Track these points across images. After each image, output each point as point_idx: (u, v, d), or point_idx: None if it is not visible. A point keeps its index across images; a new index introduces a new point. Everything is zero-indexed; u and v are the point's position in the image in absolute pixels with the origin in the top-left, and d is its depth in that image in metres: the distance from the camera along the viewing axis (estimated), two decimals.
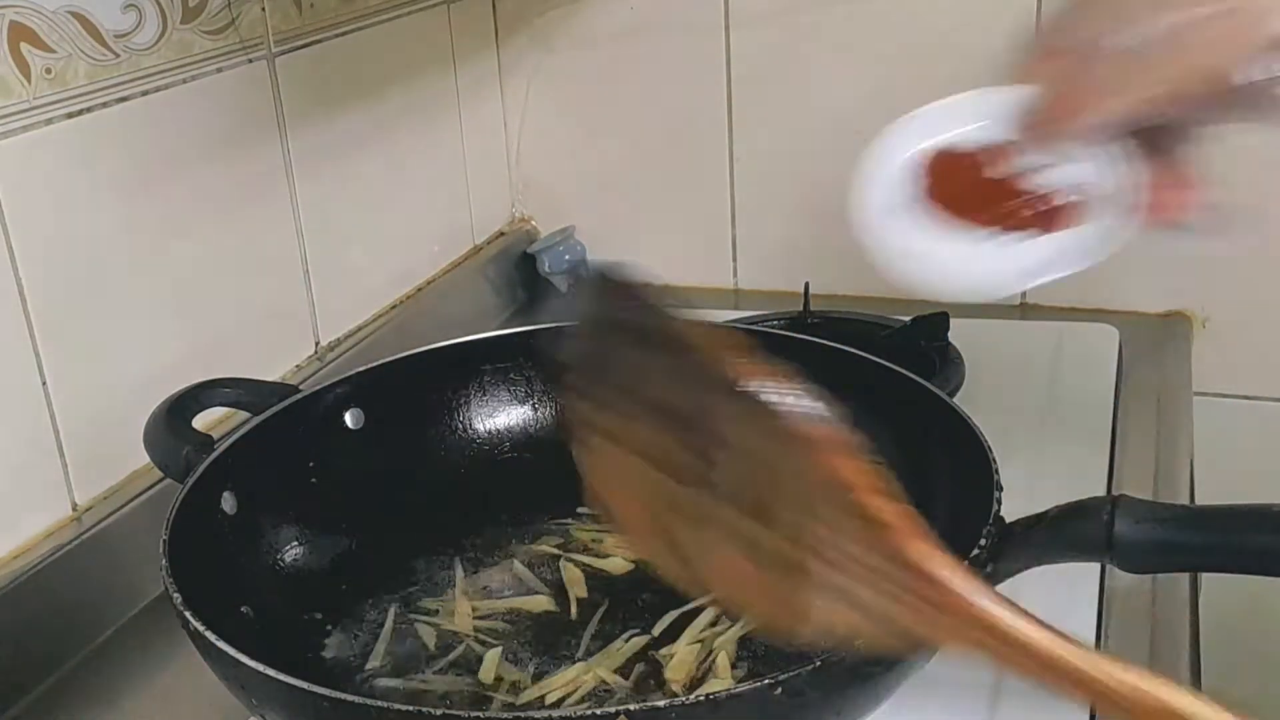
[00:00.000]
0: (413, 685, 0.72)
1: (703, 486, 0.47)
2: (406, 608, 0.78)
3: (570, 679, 0.71)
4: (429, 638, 0.76)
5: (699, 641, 0.73)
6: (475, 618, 0.77)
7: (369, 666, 0.73)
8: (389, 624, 0.77)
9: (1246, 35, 0.46)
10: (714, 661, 0.71)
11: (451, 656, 0.74)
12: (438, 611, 0.78)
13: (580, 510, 0.86)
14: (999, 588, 0.63)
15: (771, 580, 0.46)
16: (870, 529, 0.44)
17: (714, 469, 0.47)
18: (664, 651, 0.72)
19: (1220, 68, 0.46)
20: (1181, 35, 0.46)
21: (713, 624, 0.74)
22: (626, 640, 0.74)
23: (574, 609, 0.77)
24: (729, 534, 0.47)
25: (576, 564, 0.82)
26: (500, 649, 0.73)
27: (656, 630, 0.74)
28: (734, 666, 0.71)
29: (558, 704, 0.69)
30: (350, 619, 0.77)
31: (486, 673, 0.72)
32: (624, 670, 0.71)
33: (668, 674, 0.70)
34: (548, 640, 0.75)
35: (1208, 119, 0.50)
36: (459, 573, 0.81)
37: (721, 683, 0.69)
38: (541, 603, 0.78)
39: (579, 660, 0.72)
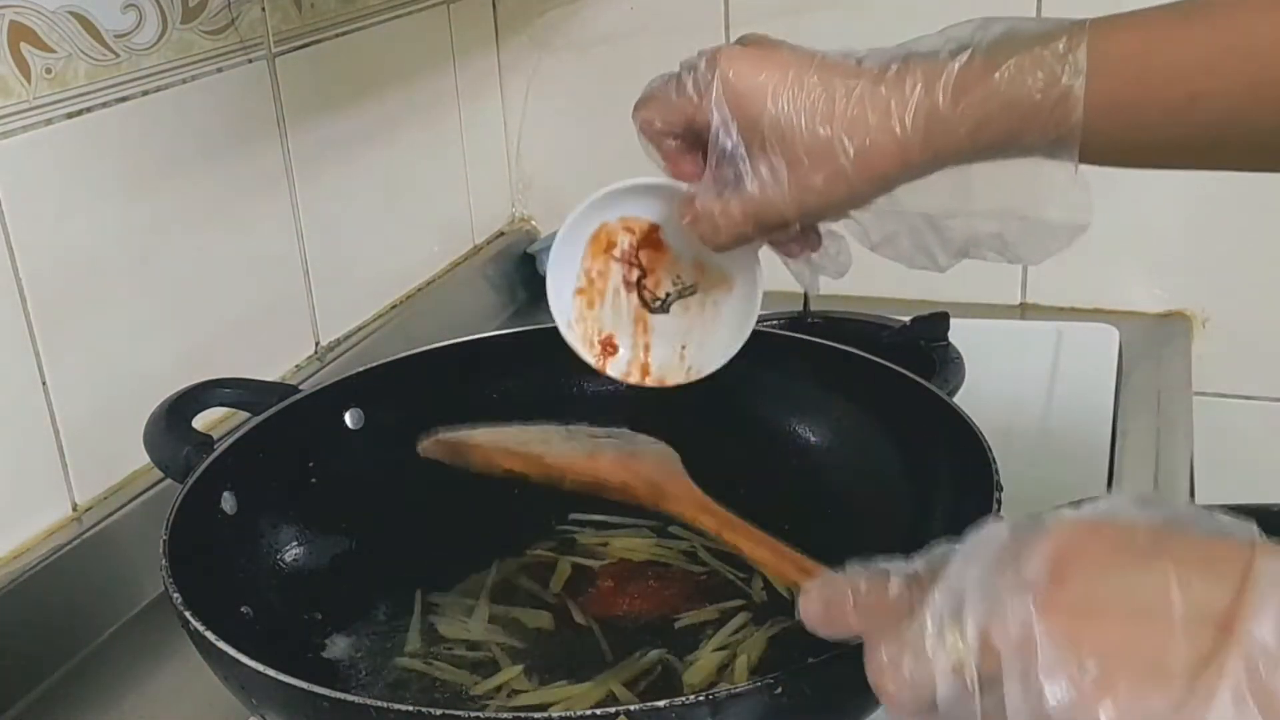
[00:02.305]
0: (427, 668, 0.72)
1: None
2: (420, 608, 0.78)
3: (580, 691, 0.70)
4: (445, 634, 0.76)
5: (724, 648, 0.72)
6: (487, 621, 0.77)
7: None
8: (417, 612, 0.77)
9: (859, 183, 0.58)
10: (734, 666, 0.71)
11: (461, 655, 0.74)
12: (440, 606, 0.78)
13: (580, 511, 0.86)
14: None
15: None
16: None
17: None
18: (687, 658, 0.72)
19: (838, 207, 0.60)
20: (805, 192, 0.58)
21: (738, 630, 0.74)
22: (642, 655, 0.73)
23: (577, 621, 0.77)
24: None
25: (578, 568, 0.82)
26: (522, 666, 0.73)
27: (672, 640, 0.74)
28: (753, 671, 0.70)
29: None
30: (350, 619, 0.77)
31: (497, 681, 0.72)
32: (638, 683, 0.70)
33: (686, 679, 0.70)
34: (559, 654, 0.74)
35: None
36: (461, 575, 0.81)
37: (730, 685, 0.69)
38: (546, 618, 0.77)
39: (595, 675, 0.71)
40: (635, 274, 0.72)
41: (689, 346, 0.73)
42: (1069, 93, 0.53)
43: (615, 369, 0.74)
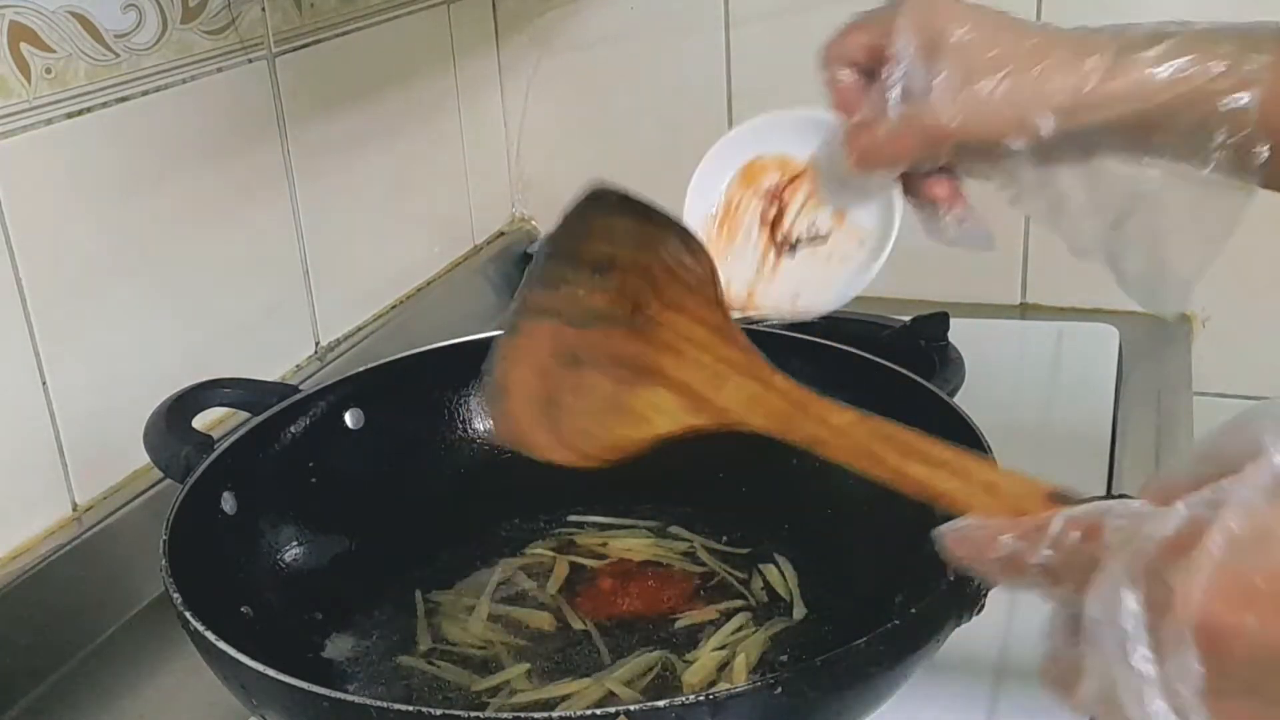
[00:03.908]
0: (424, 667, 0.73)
1: (597, 322, 0.61)
2: (420, 608, 0.78)
3: (580, 690, 0.70)
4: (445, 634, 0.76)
5: (723, 648, 0.72)
6: (487, 621, 0.77)
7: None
8: (418, 612, 0.77)
9: (1028, 105, 0.57)
10: (733, 665, 0.71)
11: (461, 655, 0.74)
12: (440, 605, 0.78)
13: (579, 511, 0.87)
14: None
15: (624, 392, 0.60)
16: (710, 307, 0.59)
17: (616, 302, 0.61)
18: (686, 658, 0.72)
19: (1001, 132, 0.58)
20: (972, 102, 0.57)
21: (737, 630, 0.74)
22: (642, 654, 0.73)
23: (576, 621, 0.77)
24: (600, 358, 0.61)
25: (578, 568, 0.82)
26: (527, 666, 0.73)
27: (672, 640, 0.74)
28: (753, 671, 0.70)
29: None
30: (350, 619, 0.77)
31: (497, 680, 0.72)
32: (637, 682, 0.70)
33: (685, 678, 0.70)
34: (558, 654, 0.74)
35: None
36: (461, 575, 0.81)
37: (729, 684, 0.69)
38: (546, 618, 0.77)
39: (595, 674, 0.71)
40: (773, 212, 0.71)
41: (802, 295, 0.72)
42: (1250, 73, 0.54)
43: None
